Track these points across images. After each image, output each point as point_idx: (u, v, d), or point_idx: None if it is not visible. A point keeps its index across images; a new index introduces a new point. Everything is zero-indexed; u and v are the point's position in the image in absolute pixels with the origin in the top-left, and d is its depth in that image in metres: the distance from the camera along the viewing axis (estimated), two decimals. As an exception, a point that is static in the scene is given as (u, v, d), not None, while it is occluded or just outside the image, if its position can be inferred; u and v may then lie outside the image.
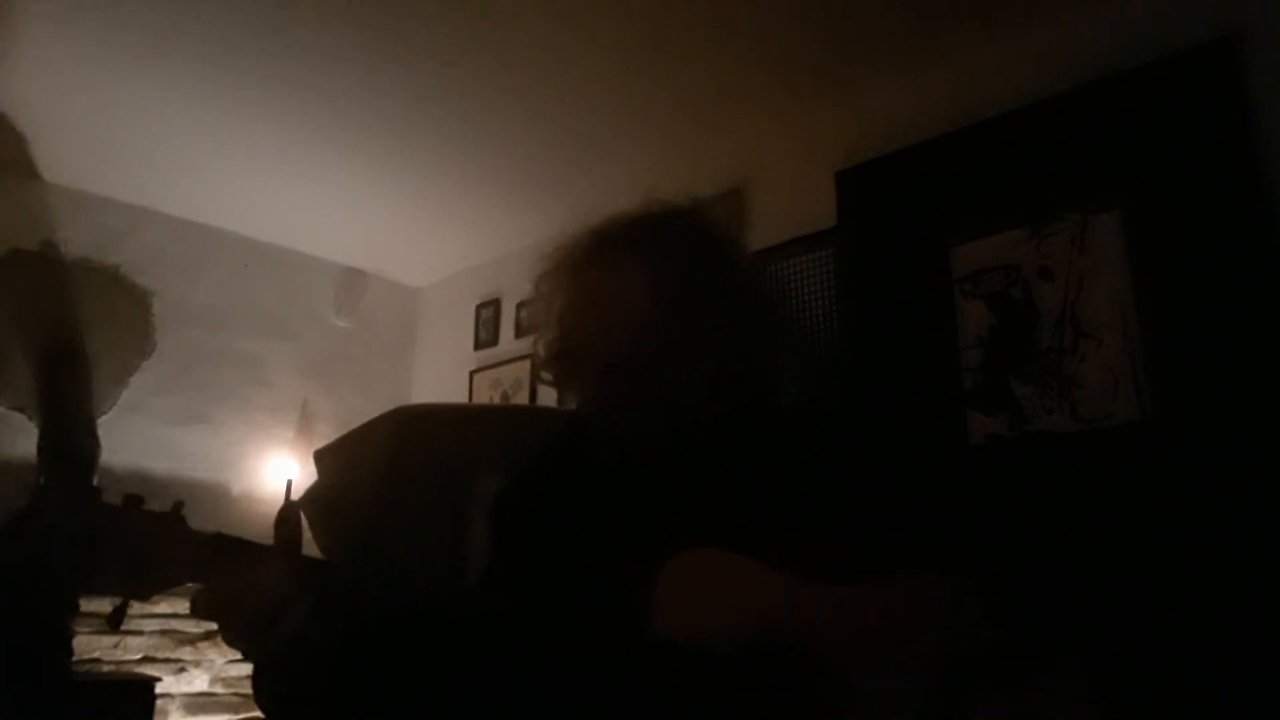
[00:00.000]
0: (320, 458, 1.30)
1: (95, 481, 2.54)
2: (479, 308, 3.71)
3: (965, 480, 2.03)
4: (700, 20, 2.18)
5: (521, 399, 3.34)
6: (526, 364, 3.37)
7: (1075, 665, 0.78)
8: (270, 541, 0.87)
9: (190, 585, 0.77)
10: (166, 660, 2.96)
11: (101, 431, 2.82)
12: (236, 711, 3.06)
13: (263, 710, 0.85)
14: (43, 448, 2.65)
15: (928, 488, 0.99)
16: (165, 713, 2.88)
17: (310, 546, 1.22)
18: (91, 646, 2.80)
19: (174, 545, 0.75)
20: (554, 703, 0.74)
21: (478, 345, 3.67)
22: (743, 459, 0.93)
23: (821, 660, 0.70)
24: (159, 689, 2.67)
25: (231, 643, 0.79)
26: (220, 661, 3.06)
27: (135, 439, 3.00)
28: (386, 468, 1.15)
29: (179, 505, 0.77)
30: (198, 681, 3.01)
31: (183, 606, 2.98)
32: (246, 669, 3.08)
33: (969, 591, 0.77)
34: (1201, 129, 1.88)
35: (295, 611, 0.74)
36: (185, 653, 3.00)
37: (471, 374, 3.62)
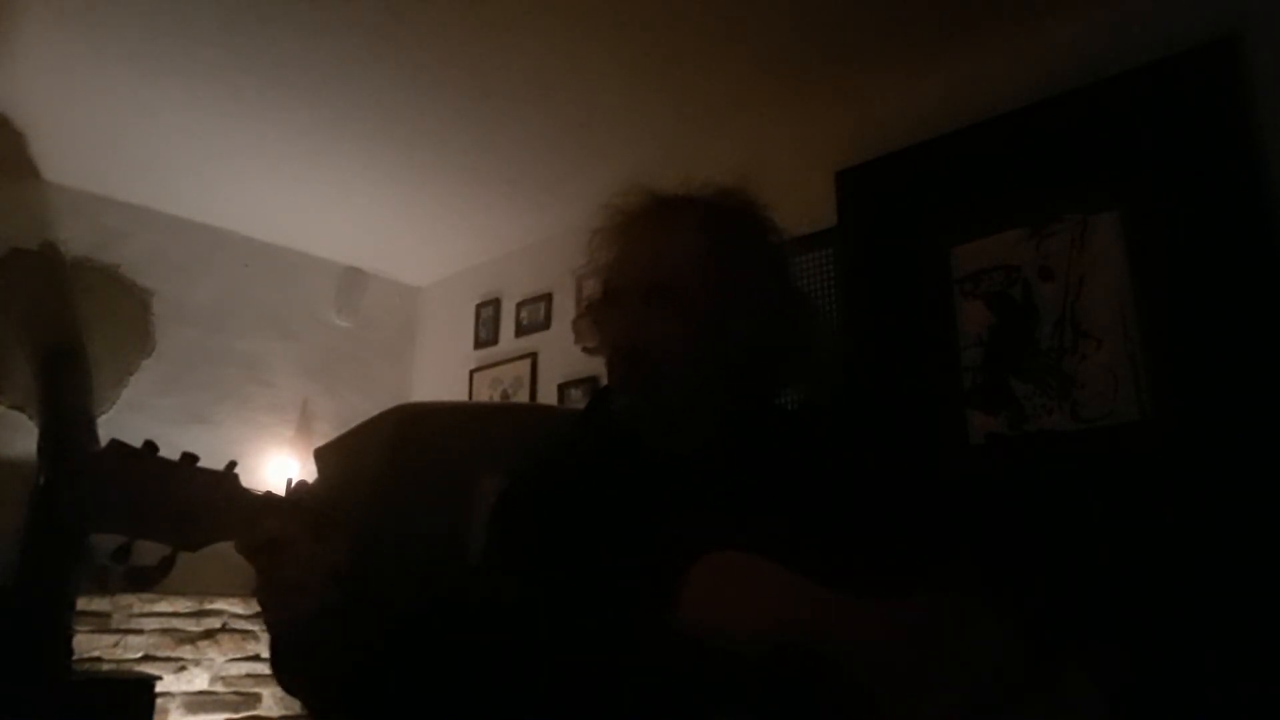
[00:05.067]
0: (320, 456, 1.30)
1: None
2: (479, 307, 3.71)
3: (968, 482, 2.03)
4: (700, 21, 2.18)
5: (521, 398, 3.34)
6: (527, 363, 3.38)
7: (1091, 677, 0.78)
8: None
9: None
10: (167, 659, 2.96)
11: (101, 431, 2.82)
12: (236, 710, 3.06)
13: (279, 680, 0.86)
14: (43, 448, 2.65)
15: (941, 497, 0.99)
16: (165, 711, 2.88)
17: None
18: (91, 645, 2.80)
19: (227, 501, 0.77)
20: (577, 699, 0.74)
21: (478, 344, 3.67)
22: (763, 461, 0.93)
23: (843, 669, 0.70)
24: (159, 687, 2.67)
25: (262, 603, 0.79)
26: (220, 660, 3.06)
27: (135, 439, 2.99)
28: (388, 466, 1.15)
29: (232, 464, 0.79)
30: (198, 680, 3.01)
31: (184, 605, 3.00)
32: (247, 668, 3.08)
33: (987, 607, 0.77)
34: (1201, 129, 1.88)
35: (332, 587, 0.75)
36: (185, 651, 3.00)
37: (471, 373, 3.62)
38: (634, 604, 0.75)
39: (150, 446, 0.77)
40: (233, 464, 0.79)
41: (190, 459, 0.78)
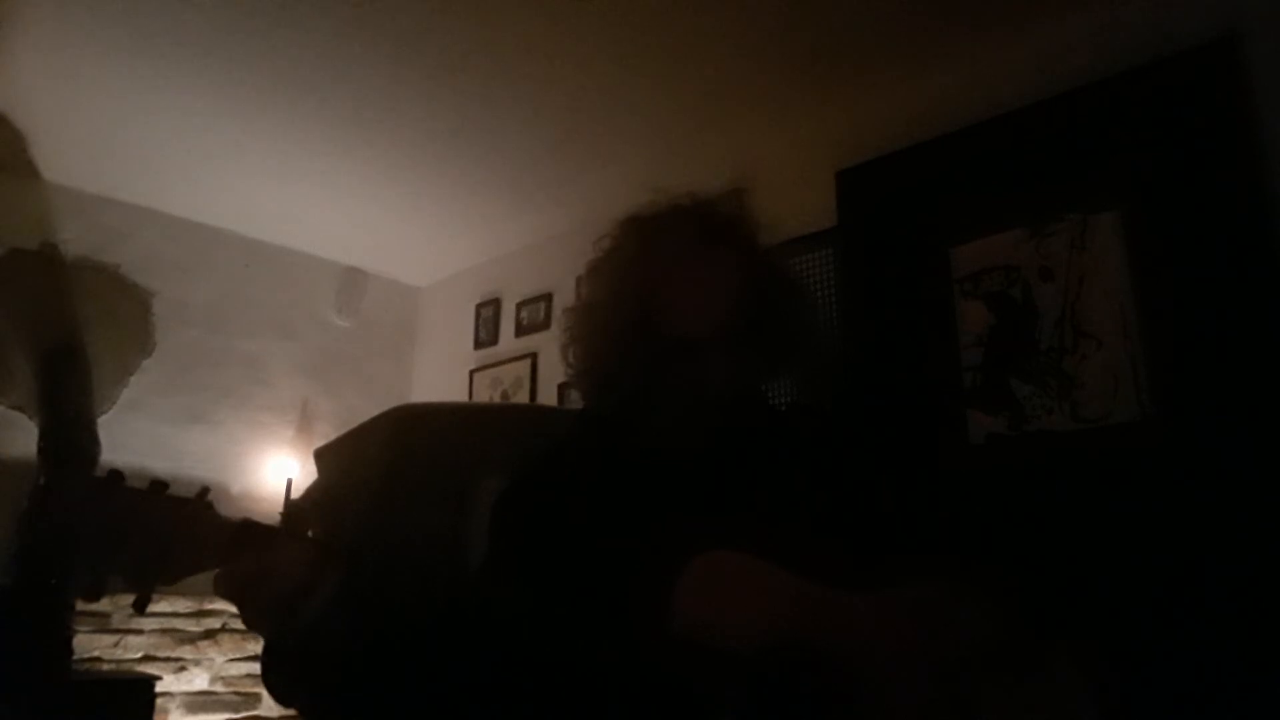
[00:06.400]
0: (320, 456, 1.30)
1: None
2: (479, 307, 3.71)
3: (968, 482, 2.04)
4: (700, 21, 2.18)
5: (522, 398, 3.34)
6: (527, 363, 3.38)
7: (1075, 663, 0.78)
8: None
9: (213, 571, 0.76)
10: (167, 659, 2.96)
11: (101, 431, 2.82)
12: (236, 710, 3.06)
13: (272, 693, 0.85)
14: (43, 448, 2.65)
15: (934, 492, 1.00)
16: (165, 711, 2.88)
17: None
18: (91, 645, 2.80)
19: (201, 530, 0.74)
20: (571, 697, 0.74)
21: (478, 345, 3.67)
22: (755, 460, 0.93)
23: (838, 664, 0.70)
24: (159, 688, 2.67)
25: (250, 624, 0.78)
26: (220, 660, 3.07)
27: (135, 439, 3.00)
28: (387, 466, 1.15)
29: (205, 491, 0.77)
30: (198, 680, 3.02)
31: (183, 605, 3.00)
32: (247, 668, 3.08)
33: (974, 594, 0.78)
34: (1201, 129, 1.88)
35: (318, 597, 0.74)
36: (185, 651, 3.01)
37: (471, 373, 3.62)
38: (630, 605, 0.75)
39: (117, 476, 0.74)
40: (205, 490, 0.77)
41: (160, 487, 0.75)
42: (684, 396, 0.93)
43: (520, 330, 3.49)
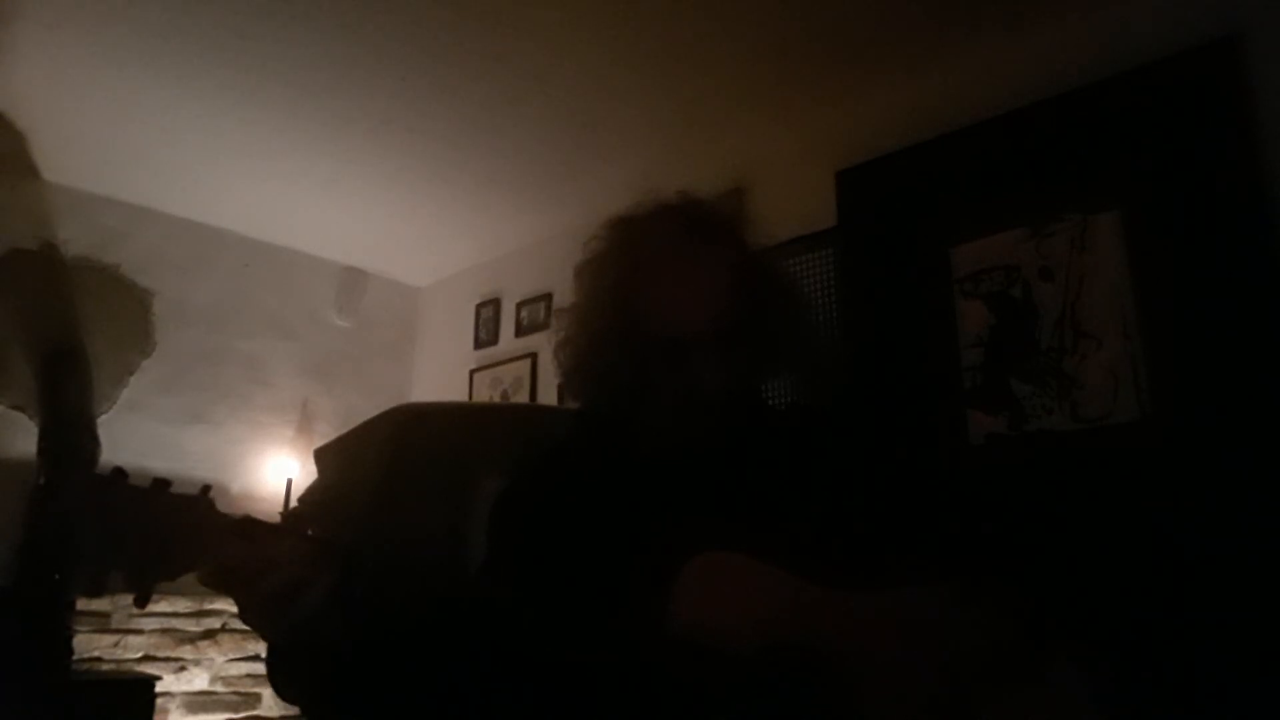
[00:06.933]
0: (320, 456, 1.30)
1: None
2: (479, 307, 3.71)
3: (968, 482, 2.04)
4: (700, 21, 2.18)
5: (521, 398, 3.34)
6: (527, 363, 3.38)
7: (1079, 666, 0.78)
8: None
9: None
10: (167, 659, 2.96)
11: (101, 431, 2.82)
12: (236, 710, 3.06)
13: (277, 693, 0.86)
14: (43, 448, 2.65)
15: (934, 493, 1.00)
16: (165, 711, 2.88)
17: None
18: (91, 645, 2.80)
19: (203, 527, 0.75)
20: (568, 698, 0.74)
21: (478, 345, 3.67)
22: (753, 460, 0.93)
23: (835, 665, 0.70)
24: (159, 687, 2.67)
25: (249, 621, 0.79)
26: (220, 660, 3.07)
27: (135, 439, 3.00)
28: (387, 466, 1.15)
29: (207, 488, 0.78)
30: (198, 680, 3.02)
31: (184, 605, 3.00)
32: (247, 668, 3.08)
33: (976, 596, 0.78)
34: (1201, 129, 1.88)
35: (313, 592, 0.75)
36: (185, 651, 3.01)
37: (471, 373, 3.62)
38: (628, 606, 0.75)
39: (120, 474, 0.75)
40: (207, 488, 0.78)
41: (162, 485, 0.76)
42: (675, 396, 0.93)
43: (520, 330, 3.49)
